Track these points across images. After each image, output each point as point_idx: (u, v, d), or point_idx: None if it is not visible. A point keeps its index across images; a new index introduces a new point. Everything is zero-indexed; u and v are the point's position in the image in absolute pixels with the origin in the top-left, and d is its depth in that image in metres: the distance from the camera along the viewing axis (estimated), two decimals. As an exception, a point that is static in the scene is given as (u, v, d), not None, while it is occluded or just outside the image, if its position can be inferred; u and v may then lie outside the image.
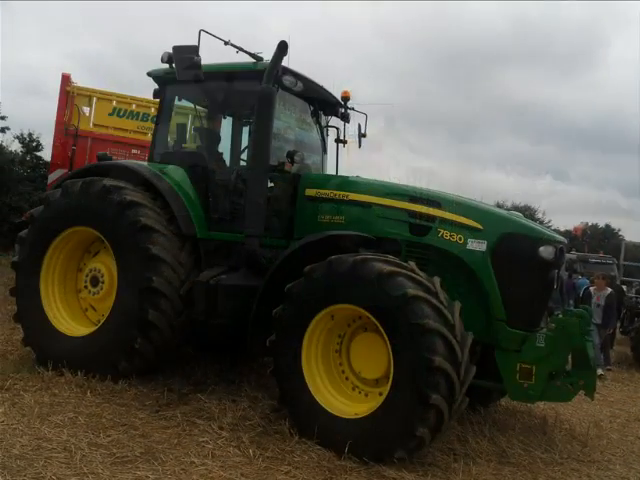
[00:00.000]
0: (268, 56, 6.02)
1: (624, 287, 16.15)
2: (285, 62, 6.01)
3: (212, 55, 6.31)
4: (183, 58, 6.05)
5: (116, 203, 6.04)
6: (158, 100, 7.22)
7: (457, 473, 4.80)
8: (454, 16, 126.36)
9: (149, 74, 7.14)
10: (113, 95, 12.97)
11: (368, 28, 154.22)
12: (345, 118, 7.66)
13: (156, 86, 7.18)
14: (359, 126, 7.64)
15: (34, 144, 22.44)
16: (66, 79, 12.51)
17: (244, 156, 7.09)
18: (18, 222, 14.28)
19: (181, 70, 6.10)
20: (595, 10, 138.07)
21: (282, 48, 5.75)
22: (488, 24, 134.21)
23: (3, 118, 22.88)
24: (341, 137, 7.73)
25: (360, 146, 7.69)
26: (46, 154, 20.77)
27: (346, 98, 7.48)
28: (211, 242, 6.40)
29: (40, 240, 6.50)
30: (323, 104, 7.38)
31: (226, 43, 6.24)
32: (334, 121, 7.73)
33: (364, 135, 7.63)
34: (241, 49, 6.37)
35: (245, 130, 7.32)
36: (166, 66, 6.63)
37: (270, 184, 6.21)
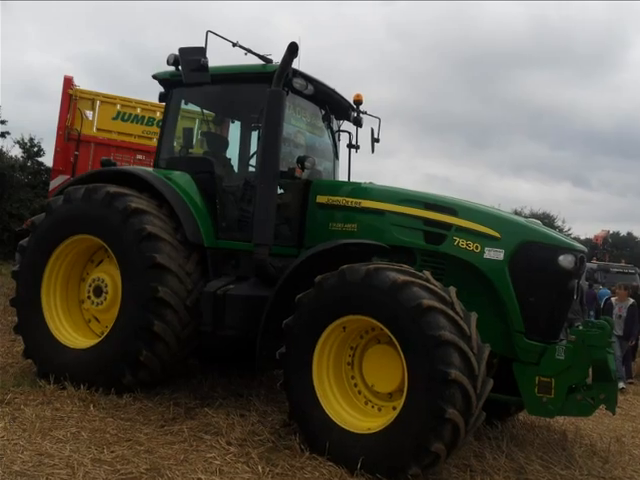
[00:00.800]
0: (278, 58, 5.92)
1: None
2: (295, 64, 5.92)
3: (220, 57, 6.27)
4: (190, 60, 5.98)
5: (120, 210, 5.92)
6: (164, 104, 7.13)
7: (474, 490, 4.68)
8: (471, 17, 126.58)
9: (154, 77, 7.05)
10: (117, 98, 12.88)
11: (382, 29, 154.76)
12: (358, 122, 7.55)
13: (162, 89, 7.09)
14: (372, 131, 7.56)
15: (35, 149, 22.46)
16: (68, 82, 12.44)
17: (253, 162, 6.97)
18: (19, 230, 14.20)
19: (188, 72, 6.02)
20: (616, 10, 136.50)
21: (292, 50, 5.63)
22: (506, 25, 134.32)
23: (3, 122, 22.98)
24: (353, 142, 7.63)
25: (373, 151, 7.60)
26: (48, 160, 20.83)
27: (358, 102, 7.39)
28: (219, 251, 6.29)
29: (42, 249, 6.38)
30: (335, 108, 7.25)
31: (234, 45, 6.21)
32: (346, 125, 7.64)
33: (377, 140, 7.55)
34: (250, 51, 6.35)
35: (254, 135, 7.17)
36: (172, 68, 6.58)
37: (280, 191, 6.09)
